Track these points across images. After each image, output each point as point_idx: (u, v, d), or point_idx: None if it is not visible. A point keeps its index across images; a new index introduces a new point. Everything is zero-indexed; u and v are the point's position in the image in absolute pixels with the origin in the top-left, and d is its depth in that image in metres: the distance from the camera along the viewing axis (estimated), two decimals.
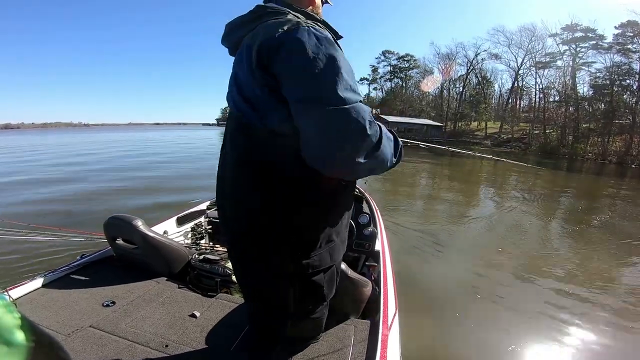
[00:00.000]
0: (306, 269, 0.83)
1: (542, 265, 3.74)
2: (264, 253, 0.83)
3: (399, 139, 0.82)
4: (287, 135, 0.71)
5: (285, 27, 0.69)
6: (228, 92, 0.85)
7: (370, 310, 1.51)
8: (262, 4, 0.84)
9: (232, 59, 0.86)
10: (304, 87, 0.66)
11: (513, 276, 3.46)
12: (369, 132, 0.66)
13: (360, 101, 0.67)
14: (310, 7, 0.91)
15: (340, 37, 0.85)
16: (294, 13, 0.77)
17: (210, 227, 2.66)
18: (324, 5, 1.00)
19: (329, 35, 0.71)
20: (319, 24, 0.76)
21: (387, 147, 0.73)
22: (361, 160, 0.67)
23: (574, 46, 33.79)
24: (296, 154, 0.72)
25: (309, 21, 0.74)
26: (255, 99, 0.74)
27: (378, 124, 0.71)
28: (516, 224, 5.62)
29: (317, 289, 0.87)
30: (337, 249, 0.88)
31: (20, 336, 0.53)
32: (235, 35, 0.85)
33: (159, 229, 2.28)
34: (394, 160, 0.78)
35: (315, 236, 0.81)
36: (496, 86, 47.65)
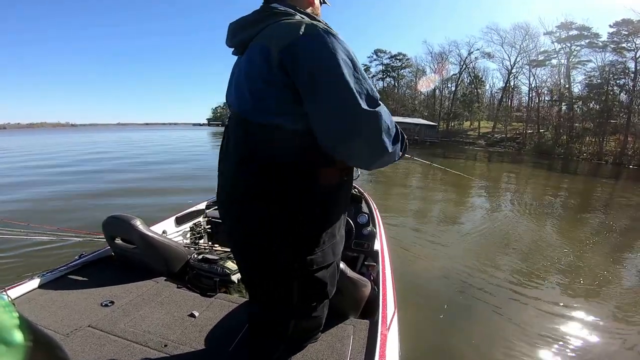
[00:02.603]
0: (310, 266, 0.82)
1: (541, 270, 3.74)
2: (268, 250, 0.82)
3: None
4: (298, 134, 0.74)
5: (304, 28, 0.71)
6: (232, 91, 0.85)
7: (369, 309, 1.50)
8: (266, 4, 0.85)
9: (227, 58, 0.88)
10: (337, 90, 0.69)
11: (511, 277, 3.48)
12: (394, 126, 0.77)
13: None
14: (310, 7, 0.91)
15: None
16: (300, 15, 0.79)
17: (209, 226, 2.67)
18: (322, 5, 1.00)
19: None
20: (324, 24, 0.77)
21: (402, 138, 0.83)
22: (390, 150, 0.76)
23: (568, 44, 33.59)
24: (305, 151, 0.75)
25: (320, 22, 0.76)
26: (269, 98, 0.74)
27: None
28: (513, 225, 5.65)
29: (321, 285, 0.87)
30: (338, 245, 0.89)
31: (18, 336, 0.53)
32: (243, 35, 0.85)
33: (157, 228, 2.28)
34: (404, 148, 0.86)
35: (318, 232, 0.82)
36: (487, 86, 47.55)
